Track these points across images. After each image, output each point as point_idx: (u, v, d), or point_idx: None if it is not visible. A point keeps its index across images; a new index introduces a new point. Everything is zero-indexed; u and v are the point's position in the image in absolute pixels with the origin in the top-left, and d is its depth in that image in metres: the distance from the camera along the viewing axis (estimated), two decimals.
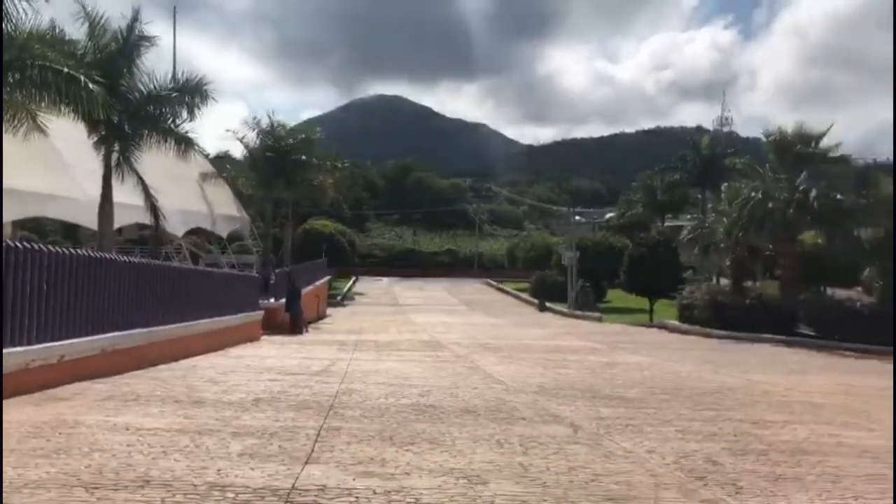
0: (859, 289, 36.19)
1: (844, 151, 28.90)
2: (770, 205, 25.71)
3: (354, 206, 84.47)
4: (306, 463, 5.32)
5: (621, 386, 10.98)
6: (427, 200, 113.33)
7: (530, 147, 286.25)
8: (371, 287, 62.80)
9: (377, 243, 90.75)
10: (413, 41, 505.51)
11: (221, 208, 34.83)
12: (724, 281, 34.88)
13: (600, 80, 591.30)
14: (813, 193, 25.55)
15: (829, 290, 37.61)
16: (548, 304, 45.38)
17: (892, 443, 6.84)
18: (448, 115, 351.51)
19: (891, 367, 17.10)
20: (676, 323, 28.39)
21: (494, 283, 67.33)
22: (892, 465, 5.77)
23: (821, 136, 27.22)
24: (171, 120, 19.31)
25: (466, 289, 62.79)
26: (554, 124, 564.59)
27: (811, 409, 9.17)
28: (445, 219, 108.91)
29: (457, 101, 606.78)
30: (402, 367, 12.92)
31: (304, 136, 38.54)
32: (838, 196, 26.03)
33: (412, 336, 22.54)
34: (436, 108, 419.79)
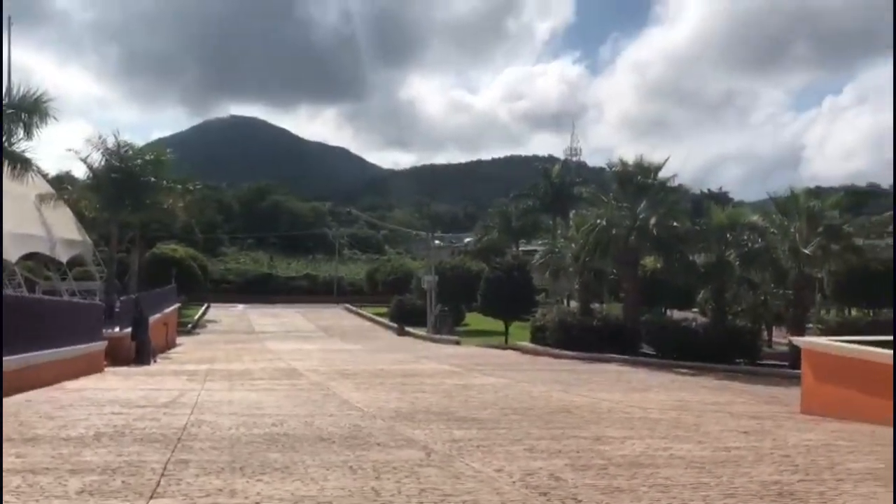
0: (695, 310, 38.94)
1: (681, 182, 31.18)
2: (614, 231, 27.20)
3: (207, 230, 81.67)
4: (151, 498, 5.12)
5: (476, 408, 11.24)
6: (285, 224, 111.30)
7: (391, 172, 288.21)
8: (225, 314, 60.76)
9: (231, 269, 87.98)
10: (270, 63, 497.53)
11: (61, 232, 32.75)
12: (574, 303, 36.39)
13: (458, 108, 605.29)
14: (652, 221, 27.29)
15: (669, 312, 40.25)
16: (407, 329, 45.67)
17: (716, 454, 7.43)
18: (308, 138, 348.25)
19: (721, 383, 18.50)
20: (530, 344, 29.35)
21: (354, 309, 66.95)
22: (715, 475, 6.27)
23: (659, 167, 29.20)
24: (5, 139, 18.05)
25: (325, 314, 62.03)
26: (414, 150, 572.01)
27: (649, 424, 9.76)
28: (304, 243, 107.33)
29: (316, 124, 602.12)
30: (255, 397, 12.62)
31: (153, 156, 36.96)
32: (675, 223, 27.92)
33: (267, 364, 22.03)
34: (295, 130, 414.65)
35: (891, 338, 14.49)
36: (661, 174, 29.05)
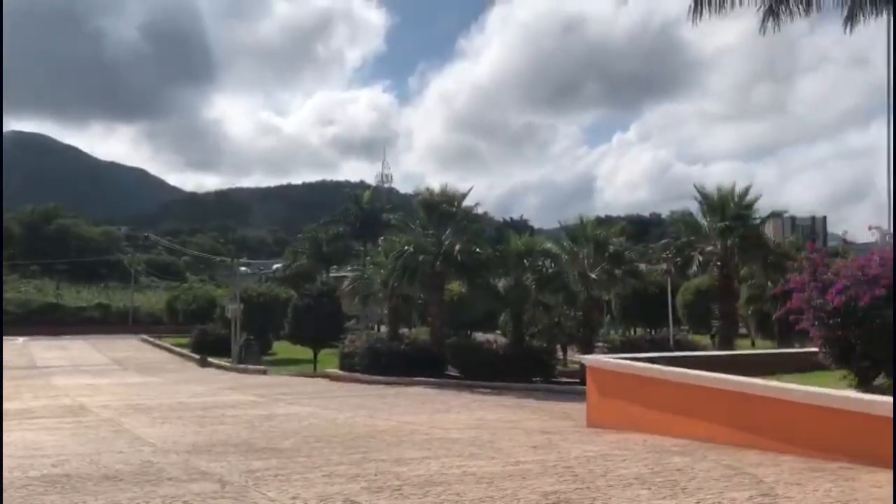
0: (498, 332, 40.65)
1: (485, 210, 32.63)
2: (421, 257, 27.89)
3: None
4: None
5: (277, 437, 11.08)
6: (74, 250, 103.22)
7: (193, 195, 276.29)
8: (3, 348, 55.06)
9: (11, 298, 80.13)
10: (56, 76, 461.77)
11: None
12: (384, 328, 36.77)
13: (267, 131, 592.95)
14: (457, 247, 28.29)
15: (474, 334, 41.69)
16: (210, 359, 43.76)
17: (505, 468, 7.86)
18: (101, 157, 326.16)
19: (519, 401, 19.46)
20: (338, 371, 29.23)
21: (152, 339, 63.09)
22: (501, 488, 6.65)
23: (464, 196, 30.34)
24: None
25: (120, 346, 58.00)
26: (220, 172, 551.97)
27: (447, 444, 10.11)
28: (96, 270, 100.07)
29: (111, 143, 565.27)
30: (34, 437, 11.62)
31: None
32: (478, 250, 29.11)
33: (50, 401, 20.30)
34: (86, 149, 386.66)
35: (664, 354, 16.01)
36: (466, 202, 30.22)
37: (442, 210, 29.31)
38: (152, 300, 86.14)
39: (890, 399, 8.49)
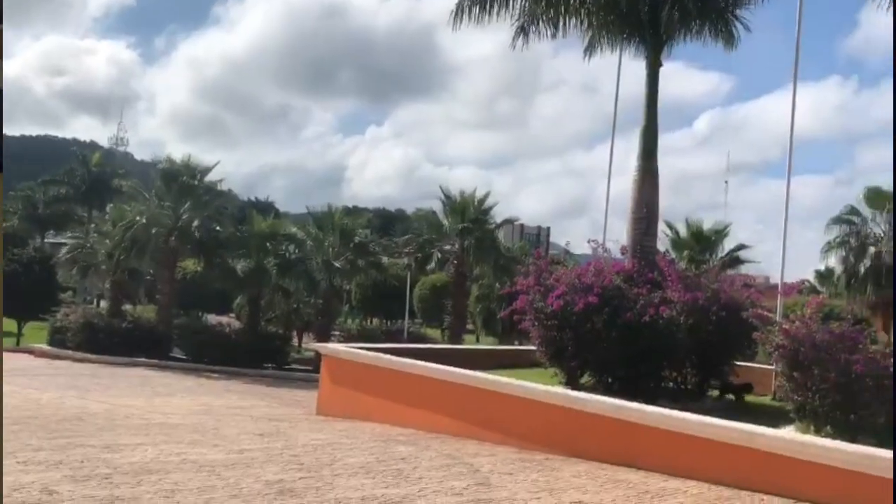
0: (232, 315, 39.29)
1: (230, 187, 31.33)
2: (154, 230, 26.09)
3: None
4: None
5: None
6: None
7: None
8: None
9: None
10: None
11: None
12: (105, 304, 33.89)
13: None
14: (195, 223, 26.87)
15: (206, 316, 39.92)
16: None
17: (229, 456, 7.54)
18: None
19: (249, 387, 18.94)
20: (47, 347, 26.40)
21: None
22: (223, 477, 6.35)
23: (208, 170, 28.86)
24: None
25: None
26: None
27: (167, 429, 9.50)
28: None
29: None
30: None
31: None
32: (218, 228, 27.89)
33: None
34: None
35: (397, 345, 16.42)
36: (210, 177, 28.80)
37: (182, 182, 27.63)
38: None
39: (589, 395, 9.42)
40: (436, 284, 39.40)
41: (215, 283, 30.64)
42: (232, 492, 5.79)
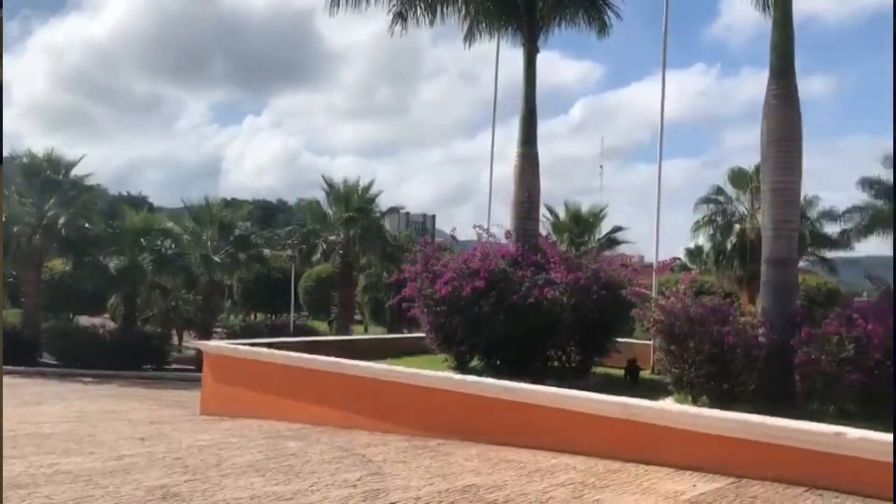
0: (106, 315, 37.43)
1: (98, 182, 29.67)
2: (15, 229, 24.45)
3: None
4: None
5: None
6: None
7: None
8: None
9: None
10: None
11: None
12: None
13: None
14: (62, 220, 25.38)
15: (77, 318, 37.84)
16: None
17: (107, 464, 7.14)
18: None
19: (126, 390, 18.09)
20: None
21: None
22: (102, 486, 5.99)
23: (73, 164, 27.30)
24: None
25: None
26: None
27: (38, 440, 8.89)
28: None
29: None
30: None
31: None
32: (87, 224, 26.44)
33: None
34: None
35: (282, 339, 16.08)
36: (76, 171, 27.25)
37: (46, 177, 26.01)
38: None
39: (478, 378, 9.52)
40: (322, 276, 38.92)
41: (86, 283, 29.09)
42: (112, 500, 5.46)
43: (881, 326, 8.81)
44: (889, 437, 5.97)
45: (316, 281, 40.06)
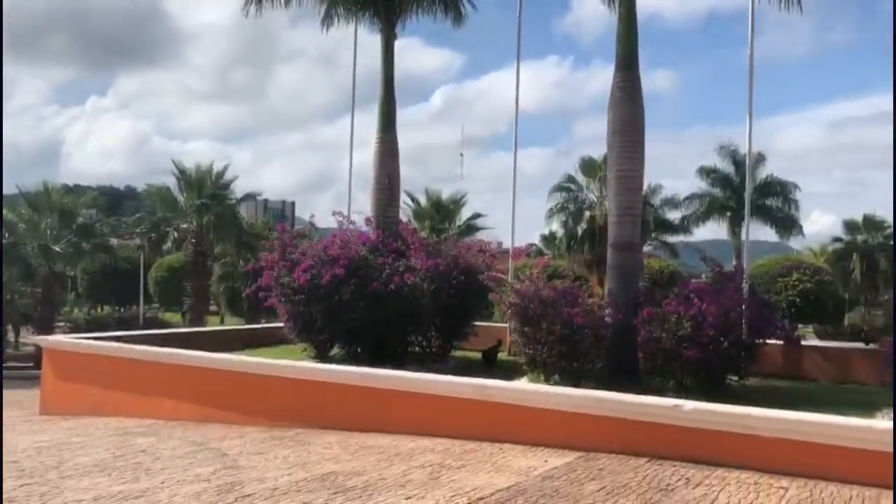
0: None
1: None
2: None
3: None
4: None
5: None
6: None
7: None
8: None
9: None
10: None
11: None
12: None
13: None
14: None
15: None
16: None
17: None
18: None
19: None
20: None
21: None
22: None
23: None
24: None
25: None
26: None
27: None
28: None
29: None
30: None
31: None
32: None
33: None
34: None
35: (132, 332, 15.31)
36: None
37: None
38: None
39: (336, 366, 9.47)
40: (174, 266, 37.27)
41: None
42: None
43: (715, 305, 9.50)
44: (719, 406, 6.49)
45: (168, 271, 38.30)
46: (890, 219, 47.56)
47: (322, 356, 11.61)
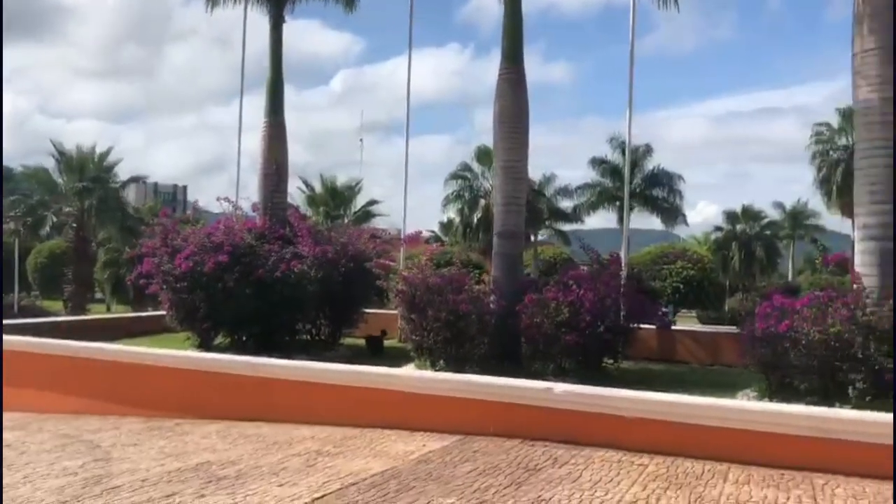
0: None
1: None
2: None
3: None
4: None
5: None
6: None
7: None
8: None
9: None
10: None
11: None
12: None
13: None
14: None
15: None
16: None
17: None
18: None
19: None
20: None
21: None
22: None
23: None
24: None
25: None
26: None
27: None
28: None
29: None
30: None
31: None
32: None
33: None
34: None
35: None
36: None
37: None
38: None
39: (218, 355, 9.33)
40: (55, 251, 35.51)
41: None
42: None
43: (591, 292, 9.89)
44: (587, 388, 6.79)
45: (48, 257, 36.46)
46: (767, 209, 50.59)
47: (206, 345, 11.39)
